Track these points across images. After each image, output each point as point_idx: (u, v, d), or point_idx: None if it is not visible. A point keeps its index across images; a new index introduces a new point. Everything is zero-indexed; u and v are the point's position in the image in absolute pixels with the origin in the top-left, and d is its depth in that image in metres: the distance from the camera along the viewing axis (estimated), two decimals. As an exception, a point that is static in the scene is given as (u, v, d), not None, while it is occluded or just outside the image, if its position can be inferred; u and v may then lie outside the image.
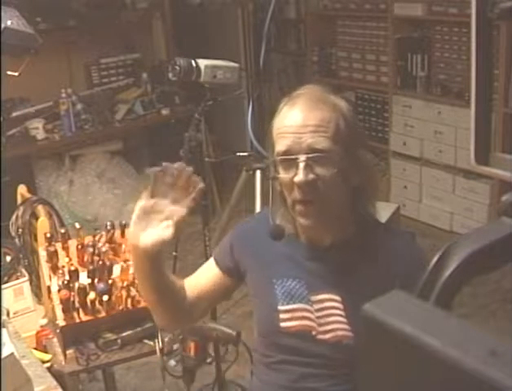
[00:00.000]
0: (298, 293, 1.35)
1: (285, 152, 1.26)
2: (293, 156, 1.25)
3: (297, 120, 1.25)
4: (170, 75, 2.29)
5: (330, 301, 1.33)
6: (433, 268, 0.54)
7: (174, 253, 2.54)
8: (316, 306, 1.34)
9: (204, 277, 1.49)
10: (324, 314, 1.33)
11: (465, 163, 3.68)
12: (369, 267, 1.32)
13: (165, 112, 4.39)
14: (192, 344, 1.78)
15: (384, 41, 4.21)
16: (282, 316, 1.36)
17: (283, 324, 1.36)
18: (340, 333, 1.31)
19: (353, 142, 1.28)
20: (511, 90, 3.41)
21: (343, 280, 1.33)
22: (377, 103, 4.35)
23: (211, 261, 1.51)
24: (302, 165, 1.23)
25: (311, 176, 1.24)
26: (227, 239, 1.51)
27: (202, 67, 2.28)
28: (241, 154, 2.52)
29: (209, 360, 1.86)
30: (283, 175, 1.27)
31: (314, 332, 1.33)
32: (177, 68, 2.26)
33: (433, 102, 3.93)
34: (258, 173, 2.43)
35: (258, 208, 2.37)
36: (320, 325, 1.33)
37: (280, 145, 1.27)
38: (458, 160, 3.82)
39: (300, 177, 1.23)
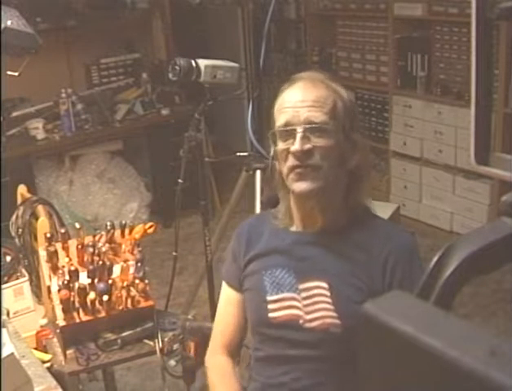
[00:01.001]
0: (287, 282, 1.37)
1: (284, 125, 1.33)
2: (291, 128, 1.31)
3: (295, 96, 1.33)
4: (170, 75, 2.29)
5: (317, 289, 1.33)
6: (433, 268, 0.54)
7: (174, 253, 2.54)
8: (304, 294, 1.35)
9: (231, 316, 1.52)
10: (311, 302, 1.34)
11: (465, 163, 3.68)
12: (359, 254, 1.34)
13: (165, 112, 4.39)
14: (191, 344, 1.78)
15: (384, 41, 4.21)
16: (270, 306, 1.37)
17: (271, 315, 1.37)
18: (327, 321, 1.31)
19: (350, 125, 1.35)
20: (511, 90, 3.41)
21: (332, 266, 1.34)
22: (377, 103, 4.35)
23: (224, 287, 1.54)
24: (299, 136, 1.30)
25: (308, 146, 1.30)
26: (229, 249, 1.55)
27: (202, 67, 2.27)
28: (241, 154, 2.51)
29: (209, 360, 1.86)
30: (281, 147, 1.33)
31: (301, 321, 1.34)
32: (177, 68, 2.25)
33: (433, 102, 3.93)
34: (258, 173, 2.43)
35: (257, 208, 2.37)
36: (307, 313, 1.34)
37: (280, 120, 1.34)
38: (458, 160, 3.82)
39: (296, 146, 1.30)
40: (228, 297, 1.52)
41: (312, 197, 1.33)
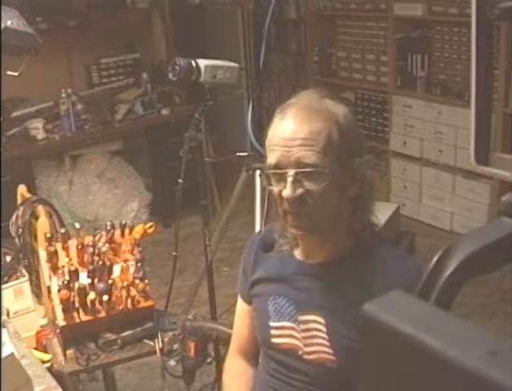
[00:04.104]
0: (287, 312, 1.36)
1: (275, 166, 1.26)
2: (281, 171, 1.24)
3: (285, 133, 1.24)
4: (170, 75, 2.29)
5: (314, 323, 1.32)
6: (433, 268, 0.54)
7: (174, 253, 2.54)
8: (302, 326, 1.34)
9: (245, 326, 1.52)
10: (309, 335, 1.33)
11: (465, 163, 3.68)
12: (357, 292, 1.28)
13: (165, 112, 4.39)
14: (191, 344, 1.78)
15: (384, 41, 4.21)
16: (273, 332, 1.38)
17: (274, 340, 1.37)
18: (323, 355, 1.31)
19: (347, 152, 1.25)
20: (511, 90, 3.41)
21: (329, 302, 1.31)
22: (377, 103, 4.35)
23: (239, 297, 1.54)
24: (290, 180, 1.23)
25: (299, 191, 1.23)
26: (241, 263, 1.53)
27: (202, 67, 2.27)
28: (241, 154, 2.52)
29: (209, 360, 1.86)
30: (274, 187, 1.28)
31: (300, 352, 1.34)
32: (177, 68, 2.25)
33: (433, 102, 3.93)
34: (258, 173, 2.43)
35: (257, 208, 2.37)
36: (306, 345, 1.33)
37: (270, 158, 1.27)
38: (458, 160, 3.82)
39: (288, 192, 1.23)
40: (241, 308, 1.53)
41: (312, 236, 1.31)
